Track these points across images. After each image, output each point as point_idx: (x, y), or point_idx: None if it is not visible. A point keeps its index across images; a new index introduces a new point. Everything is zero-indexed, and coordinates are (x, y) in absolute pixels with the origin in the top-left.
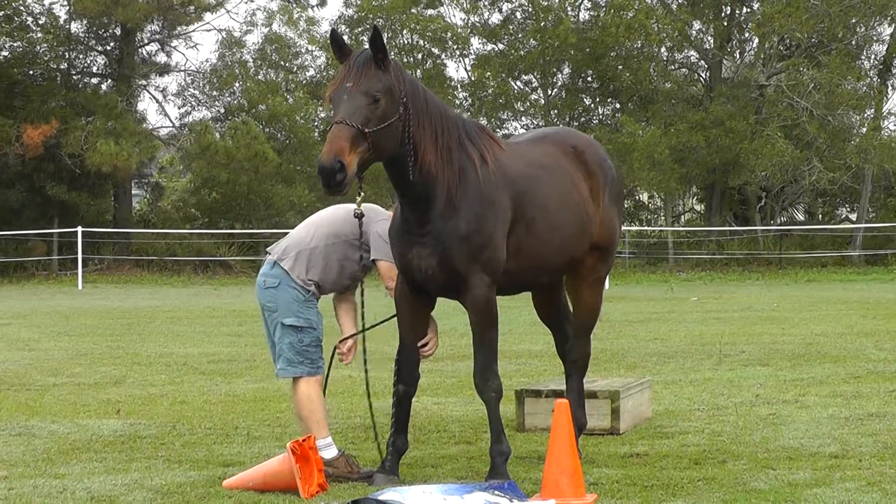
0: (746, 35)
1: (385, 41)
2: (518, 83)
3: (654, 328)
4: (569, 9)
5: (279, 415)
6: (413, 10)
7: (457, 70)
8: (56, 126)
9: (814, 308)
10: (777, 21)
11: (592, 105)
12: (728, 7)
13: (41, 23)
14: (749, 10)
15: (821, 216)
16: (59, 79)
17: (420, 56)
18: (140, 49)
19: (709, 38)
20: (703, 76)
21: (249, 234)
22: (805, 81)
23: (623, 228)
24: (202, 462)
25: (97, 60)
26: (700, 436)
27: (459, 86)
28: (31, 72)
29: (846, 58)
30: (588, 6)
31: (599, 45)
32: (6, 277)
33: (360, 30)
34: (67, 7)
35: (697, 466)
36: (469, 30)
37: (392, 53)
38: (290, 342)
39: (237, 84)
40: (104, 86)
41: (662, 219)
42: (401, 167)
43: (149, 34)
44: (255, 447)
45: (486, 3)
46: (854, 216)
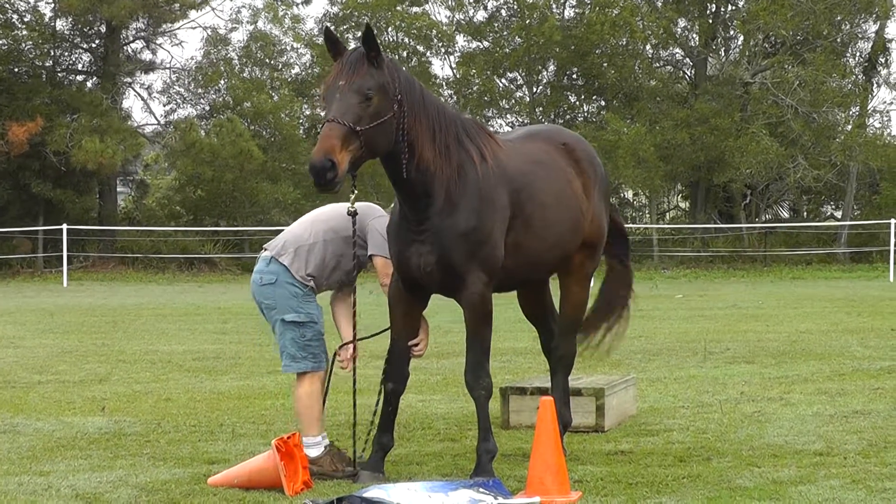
0: (731, 32)
1: (377, 39)
2: (503, 81)
3: (639, 325)
4: (554, 6)
5: (264, 412)
6: (398, 8)
7: (442, 68)
8: (41, 123)
9: (799, 305)
10: (762, 18)
11: (577, 102)
12: (713, 4)
13: (26, 20)
14: (734, 8)
15: (806, 214)
16: (45, 76)
17: (405, 54)
18: (125, 46)
19: (694, 36)
20: (688, 74)
21: (234, 232)
22: (790, 79)
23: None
24: (187, 459)
25: (82, 58)
26: (685, 433)
27: (444, 83)
28: (16, 69)
29: (831, 55)
30: (573, 3)
31: (584, 43)
32: None
33: (346, 27)
34: (52, 4)
35: (682, 464)
36: (454, 27)
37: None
38: (293, 338)
39: (222, 81)
40: (89, 83)
41: (647, 216)
42: (396, 164)
43: (134, 31)
44: (240, 444)
45: (471, 1)
46: (839, 214)
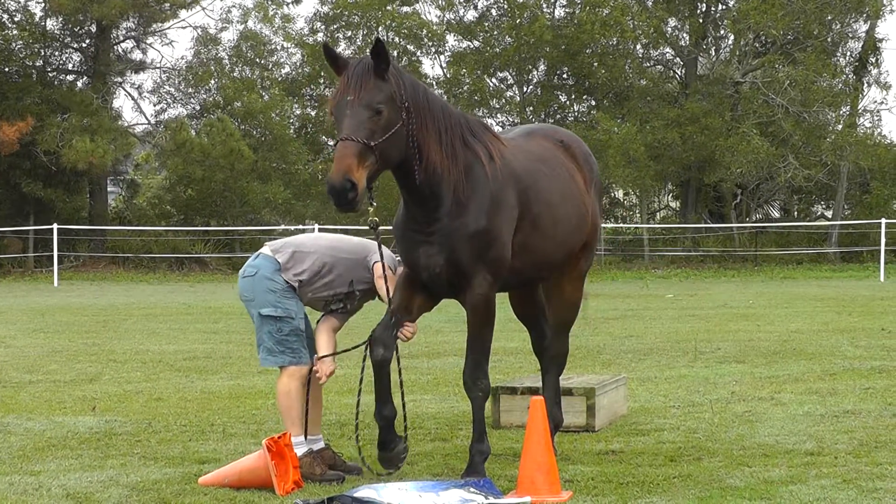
0: (722, 32)
1: (387, 50)
2: (493, 80)
3: (630, 325)
4: (544, 5)
5: (255, 411)
6: (388, 7)
7: (432, 67)
8: (31, 123)
9: (789, 305)
10: (752, 18)
11: (568, 102)
12: (703, 4)
13: (17, 20)
14: (724, 7)
15: (796, 213)
16: (35, 76)
17: (396, 53)
18: (115, 46)
19: (684, 35)
20: (679, 73)
21: (225, 232)
22: (780, 78)
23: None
24: (178, 459)
25: (73, 57)
26: (675, 433)
27: (435, 83)
28: (7, 69)
29: (822, 55)
30: (563, 3)
31: (575, 42)
32: None
33: (336, 26)
34: (43, 4)
35: (673, 463)
36: (444, 27)
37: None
38: (269, 331)
39: (213, 81)
40: (80, 83)
41: (638, 216)
42: (407, 170)
43: (124, 31)
44: (231, 444)
45: (461, 1)
46: (829, 213)
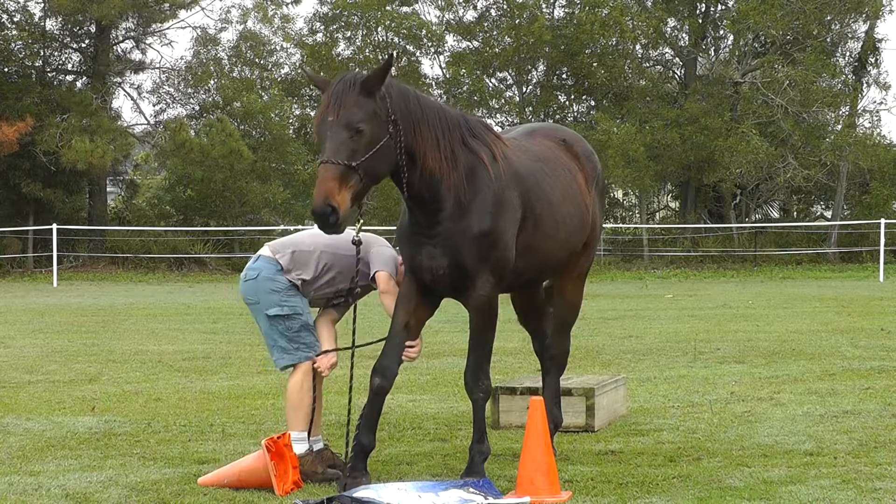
0: (721, 32)
1: (389, 69)
2: (493, 80)
3: (629, 325)
4: (543, 6)
5: (254, 412)
6: (388, 8)
7: (431, 67)
8: (31, 123)
9: (789, 305)
10: (752, 18)
11: (567, 102)
12: (703, 4)
13: (16, 20)
14: (724, 7)
15: (796, 213)
16: (34, 76)
17: (395, 53)
18: (115, 46)
19: (683, 36)
20: (678, 73)
21: (224, 232)
22: (780, 78)
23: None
24: (177, 459)
25: (72, 58)
26: (675, 433)
27: (434, 83)
28: (6, 69)
29: (821, 55)
30: (563, 3)
31: (574, 43)
32: None
33: (336, 27)
34: (42, 4)
35: (672, 464)
36: (444, 27)
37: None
38: (280, 331)
39: (212, 81)
40: (79, 83)
41: (637, 216)
42: (399, 178)
43: (124, 31)
44: (230, 444)
45: (461, 1)
46: (829, 213)
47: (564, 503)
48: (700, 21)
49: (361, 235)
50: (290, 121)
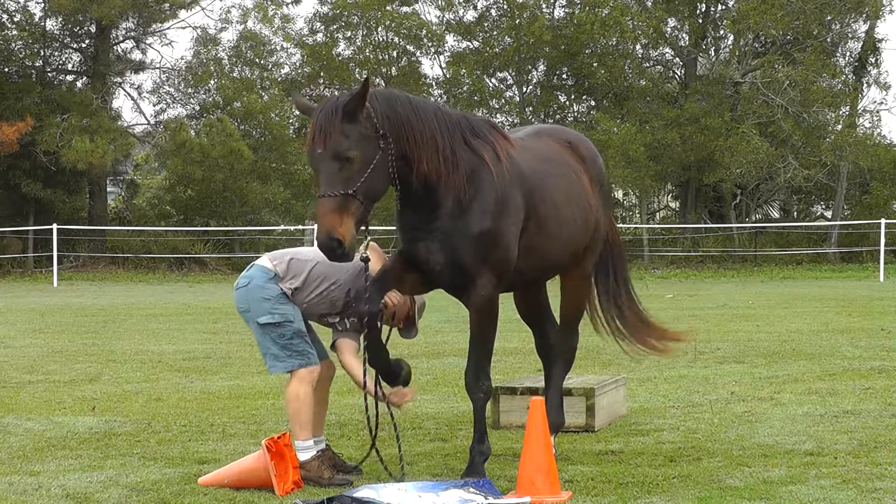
0: (721, 32)
1: (366, 94)
2: (493, 80)
3: None
4: (543, 6)
5: (254, 412)
6: (388, 8)
7: (432, 67)
8: (31, 123)
9: (789, 305)
10: (752, 18)
11: (567, 102)
12: (703, 4)
13: (16, 20)
14: (724, 7)
15: (796, 213)
16: (35, 76)
17: (395, 53)
18: (115, 46)
19: (684, 35)
20: (678, 73)
21: (224, 232)
22: (780, 78)
23: None
24: (177, 459)
25: (72, 58)
26: (675, 433)
27: (434, 83)
28: (6, 69)
29: (821, 55)
30: (563, 3)
31: (574, 43)
32: None
33: (336, 27)
34: (42, 4)
35: (672, 464)
36: (444, 27)
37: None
38: (272, 339)
39: (212, 81)
40: (79, 83)
41: (637, 216)
42: (397, 182)
43: (124, 31)
44: (231, 444)
45: (461, 1)
46: (829, 213)
47: (565, 503)
48: (700, 21)
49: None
50: (291, 121)
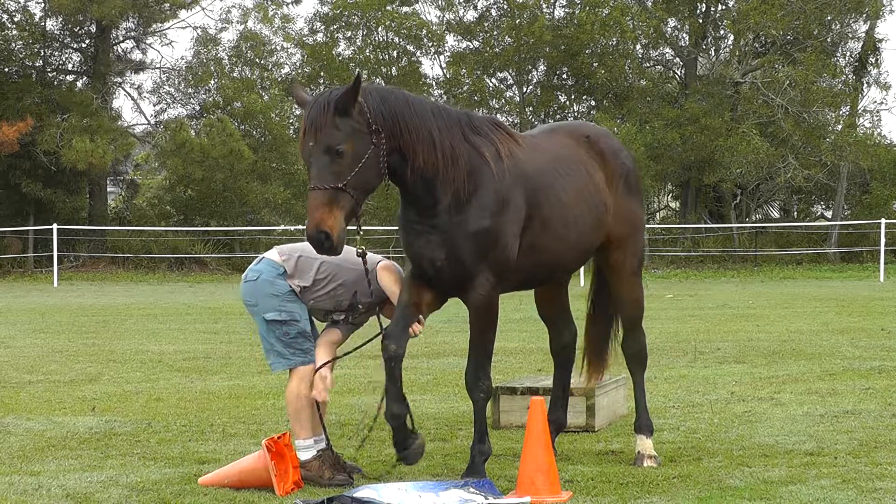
0: (722, 32)
1: (358, 89)
2: (493, 80)
3: None
4: (544, 6)
5: (254, 412)
6: (388, 8)
7: (432, 67)
8: (31, 123)
9: (789, 305)
10: (752, 18)
11: (567, 102)
12: (703, 4)
13: (16, 20)
14: (724, 7)
15: (796, 213)
16: (35, 76)
17: (395, 53)
18: (115, 46)
19: (684, 36)
20: (679, 73)
21: (225, 232)
22: (780, 78)
23: None
24: (177, 459)
25: (72, 58)
26: (675, 433)
27: (435, 83)
28: (6, 69)
29: (821, 55)
30: (563, 3)
31: (574, 43)
32: None
33: (336, 27)
34: (43, 4)
35: (672, 464)
36: (444, 27)
37: (367, 51)
38: (277, 336)
39: (212, 81)
40: (79, 83)
41: None
42: (394, 179)
43: (124, 31)
44: (231, 444)
45: (461, 1)
46: (829, 213)
47: (565, 503)
48: (700, 21)
49: (372, 255)
50: (291, 121)
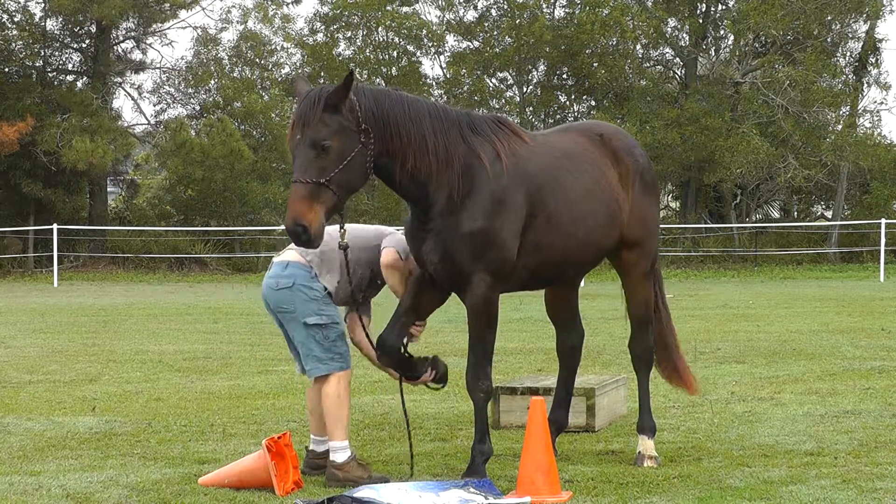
0: (722, 32)
1: (350, 86)
2: (493, 80)
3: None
4: (544, 6)
5: (255, 412)
6: (388, 8)
7: (432, 67)
8: (31, 123)
9: (789, 305)
10: (752, 18)
11: (568, 102)
12: (703, 4)
13: (16, 20)
14: (724, 7)
15: (796, 213)
16: (35, 76)
17: (395, 53)
18: (115, 46)
19: (684, 35)
20: (679, 73)
21: (225, 232)
22: (780, 78)
23: None
24: (177, 459)
25: (72, 58)
26: (675, 433)
27: (435, 83)
28: (7, 69)
29: (821, 55)
30: (563, 3)
31: (575, 43)
32: None
33: (336, 27)
34: (43, 4)
35: (673, 464)
36: (444, 27)
37: (367, 51)
38: (317, 340)
39: (212, 81)
40: (80, 83)
41: None
42: (386, 180)
43: (124, 31)
44: (231, 444)
45: (461, 1)
46: (829, 213)
47: (565, 503)
48: (700, 21)
49: (375, 228)
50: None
